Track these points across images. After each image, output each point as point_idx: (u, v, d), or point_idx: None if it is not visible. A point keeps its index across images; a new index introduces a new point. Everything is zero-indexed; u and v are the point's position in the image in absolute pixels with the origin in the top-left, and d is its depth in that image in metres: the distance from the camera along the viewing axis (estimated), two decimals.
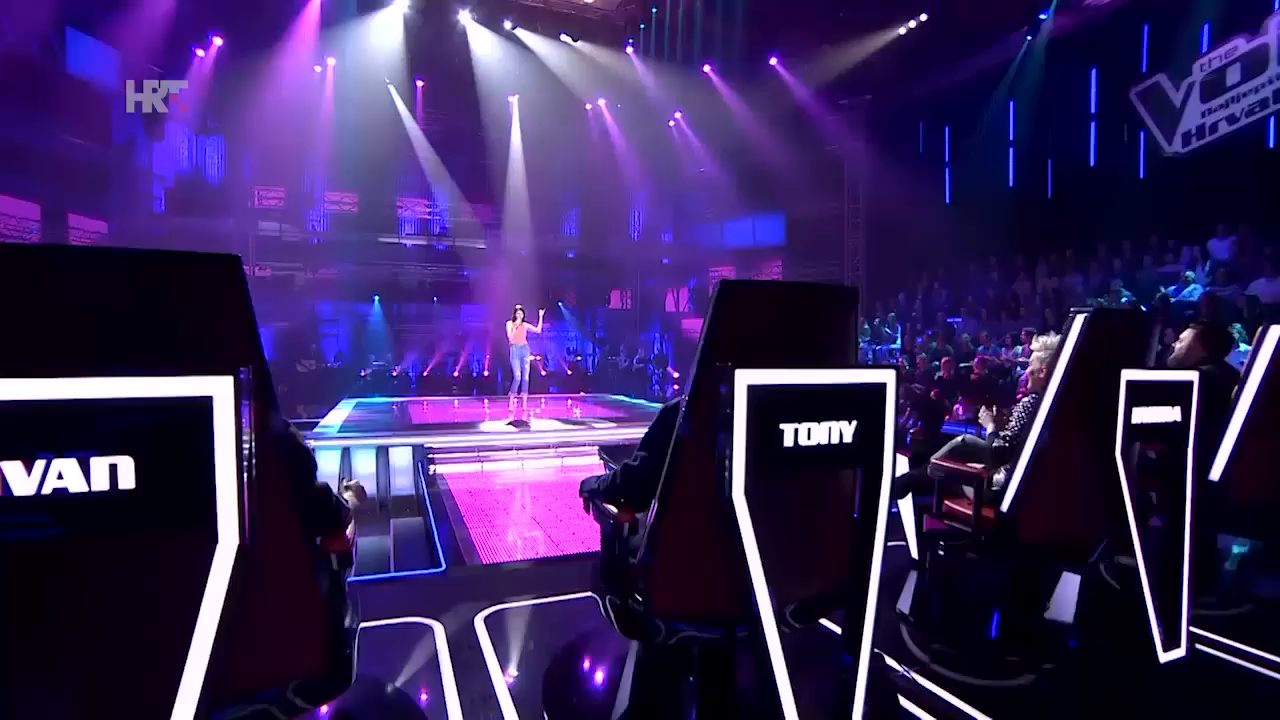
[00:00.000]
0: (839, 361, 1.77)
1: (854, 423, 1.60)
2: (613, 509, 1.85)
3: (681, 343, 18.47)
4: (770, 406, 1.47)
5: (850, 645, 1.70)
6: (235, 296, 1.14)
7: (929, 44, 13.12)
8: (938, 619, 2.75)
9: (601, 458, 6.36)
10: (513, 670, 2.44)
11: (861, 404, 1.62)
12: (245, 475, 1.03)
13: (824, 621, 2.49)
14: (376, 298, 16.54)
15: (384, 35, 14.13)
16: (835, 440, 1.57)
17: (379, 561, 4.76)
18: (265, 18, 13.00)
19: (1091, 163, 11.50)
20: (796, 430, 1.51)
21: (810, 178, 15.16)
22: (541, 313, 8.31)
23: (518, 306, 8.46)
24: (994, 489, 2.52)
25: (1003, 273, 12.36)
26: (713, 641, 1.85)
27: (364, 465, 6.77)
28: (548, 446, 7.65)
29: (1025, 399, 2.58)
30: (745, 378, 1.43)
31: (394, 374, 15.45)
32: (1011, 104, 12.72)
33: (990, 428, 2.68)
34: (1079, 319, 2.20)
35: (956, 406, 8.93)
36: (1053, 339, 2.61)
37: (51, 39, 11.70)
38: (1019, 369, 8.64)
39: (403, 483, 6.66)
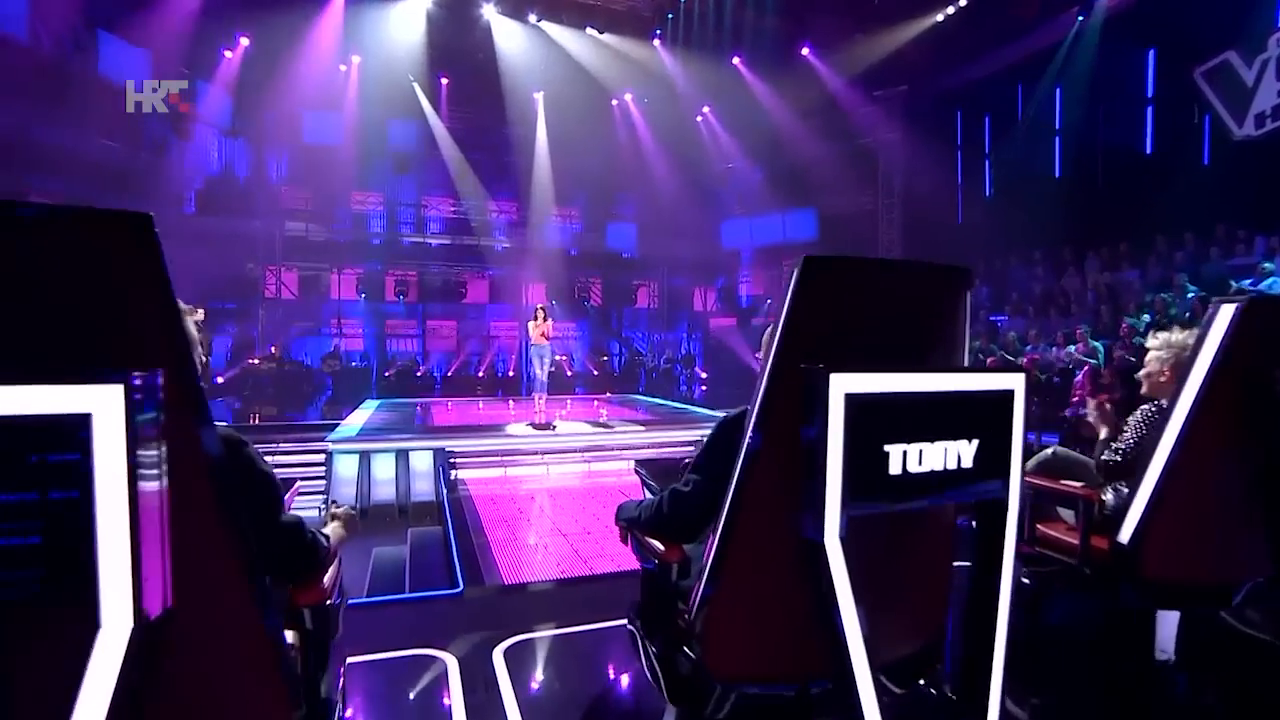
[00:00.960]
0: (946, 363, 1.40)
1: (974, 442, 1.24)
2: (657, 544, 1.51)
3: (710, 342, 18.07)
4: (874, 422, 1.11)
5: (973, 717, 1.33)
6: (146, 270, 0.81)
7: (967, 30, 12.58)
8: (1031, 663, 2.35)
9: (638, 475, 5.80)
10: (536, 718, 2.11)
11: (984, 418, 1.25)
12: (146, 527, 0.70)
13: None
14: (401, 297, 16.46)
15: (407, 31, 13.98)
16: (953, 465, 1.20)
17: (395, 573, 4.49)
18: (290, 18, 12.94)
19: (1148, 150, 10.81)
20: (905, 453, 1.15)
21: (843, 171, 14.69)
22: (550, 322, 8.12)
23: (539, 306, 8.37)
24: (1105, 513, 2.12)
25: (1048, 268, 11.73)
26: (782, 705, 1.50)
27: (384, 469, 6.55)
28: (573, 451, 7.34)
29: (1144, 407, 2.17)
30: (842, 384, 1.08)
31: (418, 374, 15.34)
32: (1058, 90, 12.07)
33: (1103, 433, 2.27)
34: (1226, 310, 1.78)
35: None
36: (1177, 335, 2.20)
37: (83, 41, 11.77)
38: (1074, 370, 8.10)
39: (423, 487, 6.41)
